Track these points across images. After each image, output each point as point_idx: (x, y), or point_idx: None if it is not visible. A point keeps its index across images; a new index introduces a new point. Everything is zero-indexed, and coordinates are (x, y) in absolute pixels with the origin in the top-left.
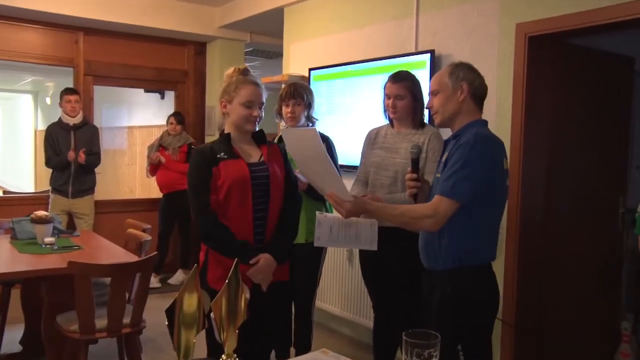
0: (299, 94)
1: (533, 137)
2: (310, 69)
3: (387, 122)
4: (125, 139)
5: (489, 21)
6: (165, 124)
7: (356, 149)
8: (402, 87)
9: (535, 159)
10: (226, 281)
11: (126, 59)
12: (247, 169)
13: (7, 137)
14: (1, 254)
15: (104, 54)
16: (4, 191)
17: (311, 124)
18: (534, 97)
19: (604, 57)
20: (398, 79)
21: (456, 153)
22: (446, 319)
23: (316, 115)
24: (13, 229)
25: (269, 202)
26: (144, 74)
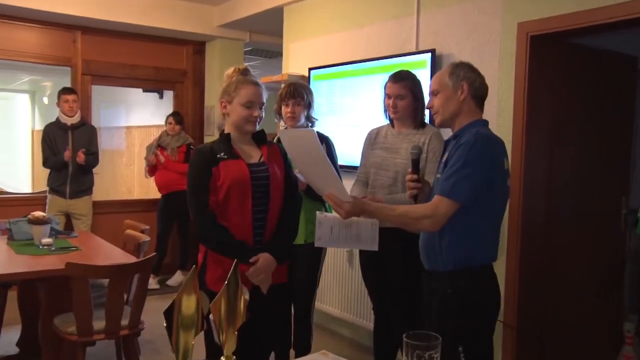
0: (299, 93)
1: (535, 137)
2: (310, 69)
3: (387, 122)
4: (123, 139)
5: (490, 20)
6: (163, 124)
7: (356, 149)
8: (403, 87)
9: (537, 159)
10: (225, 282)
11: (124, 58)
12: (247, 170)
13: (4, 137)
14: None
15: (102, 54)
16: (0, 191)
17: (311, 124)
18: (535, 97)
19: (606, 57)
20: (399, 78)
21: (456, 153)
22: (447, 320)
23: (316, 115)
24: (10, 229)
25: (269, 203)
26: (142, 73)
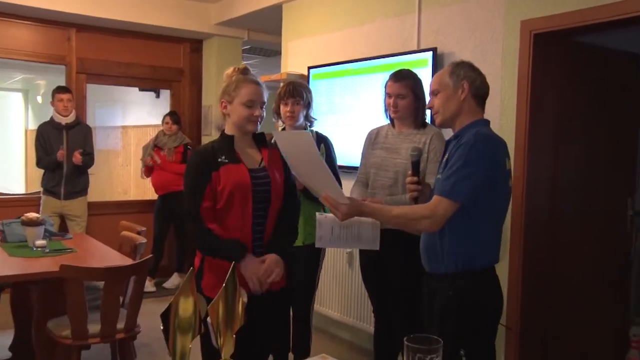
0: (298, 92)
1: (538, 136)
2: (310, 67)
3: (387, 121)
4: (119, 138)
5: (493, 18)
6: (160, 123)
7: (356, 149)
8: (404, 86)
9: (541, 158)
10: (223, 285)
11: (120, 56)
12: (249, 176)
13: None
14: None
15: (97, 51)
16: None
17: (310, 124)
18: (539, 96)
19: (610, 55)
20: (400, 77)
21: (456, 153)
22: (448, 323)
23: (315, 115)
24: (3, 231)
25: (269, 209)
26: (138, 72)
